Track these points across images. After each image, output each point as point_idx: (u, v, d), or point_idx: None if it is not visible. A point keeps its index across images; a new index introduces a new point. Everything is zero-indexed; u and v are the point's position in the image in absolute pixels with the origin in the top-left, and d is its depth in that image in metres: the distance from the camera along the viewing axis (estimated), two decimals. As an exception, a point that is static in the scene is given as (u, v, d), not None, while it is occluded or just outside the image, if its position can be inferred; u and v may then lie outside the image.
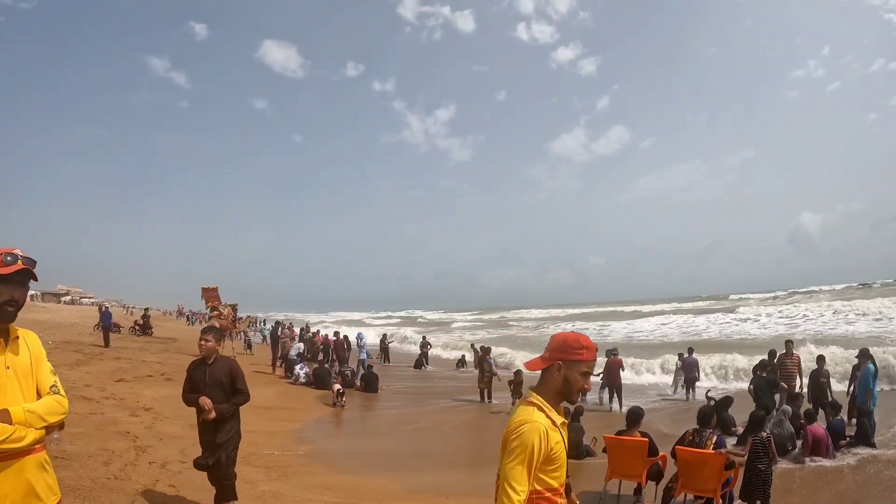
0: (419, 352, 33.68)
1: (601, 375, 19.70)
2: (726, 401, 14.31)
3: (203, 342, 6.85)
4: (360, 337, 28.32)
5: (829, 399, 14.82)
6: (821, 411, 13.97)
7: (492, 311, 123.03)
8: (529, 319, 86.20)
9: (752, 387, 15.51)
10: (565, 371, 3.02)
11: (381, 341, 36.97)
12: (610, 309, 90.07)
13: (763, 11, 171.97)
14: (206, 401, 6.64)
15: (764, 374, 15.47)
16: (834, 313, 47.03)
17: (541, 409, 2.98)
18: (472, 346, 34.08)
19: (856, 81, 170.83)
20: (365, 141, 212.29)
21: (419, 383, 26.42)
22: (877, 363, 14.41)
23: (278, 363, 26.94)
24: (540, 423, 2.90)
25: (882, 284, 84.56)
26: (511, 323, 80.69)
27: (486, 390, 20.66)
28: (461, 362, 33.07)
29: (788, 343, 17.44)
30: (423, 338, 36.28)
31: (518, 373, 18.27)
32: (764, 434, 8.61)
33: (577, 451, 12.23)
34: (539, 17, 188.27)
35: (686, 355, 21.96)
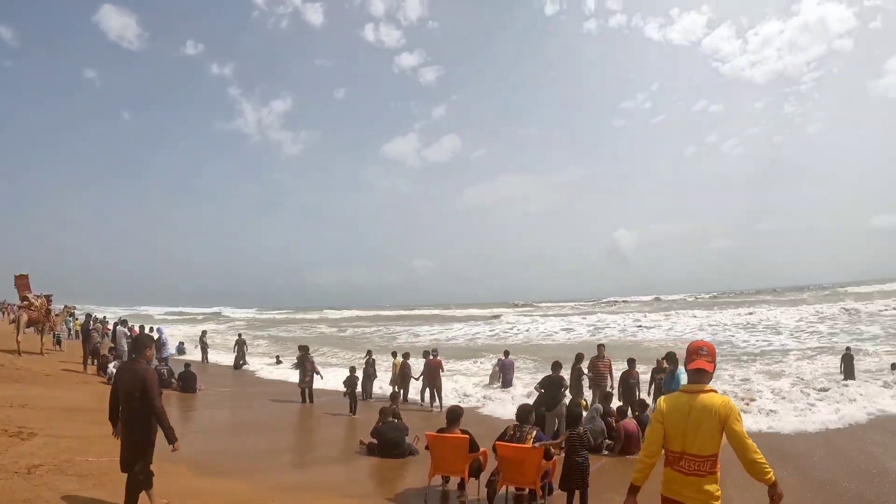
0: (236, 351, 32.37)
1: (421, 377, 19.82)
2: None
3: None
4: (159, 331, 26.81)
5: (638, 398, 15.88)
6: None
7: (312, 310, 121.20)
8: (348, 319, 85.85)
9: (537, 385, 15.89)
10: None
11: (200, 339, 35.69)
12: (436, 312, 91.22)
13: (604, 44, 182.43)
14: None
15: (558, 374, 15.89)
16: (634, 321, 51.68)
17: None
18: (240, 336, 33.95)
19: (679, 117, 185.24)
20: (197, 125, 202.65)
21: (238, 383, 25.61)
22: (680, 366, 15.26)
23: (90, 360, 24.85)
24: None
25: (681, 298, 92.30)
26: (320, 322, 79.99)
27: (307, 391, 20.09)
28: (278, 361, 32.48)
29: (600, 346, 18.34)
30: (239, 335, 34.88)
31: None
32: (581, 429, 8.84)
33: (399, 449, 12.23)
34: (388, 21, 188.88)
35: (503, 357, 22.69)
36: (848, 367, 21.77)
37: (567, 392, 15.53)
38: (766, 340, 35.24)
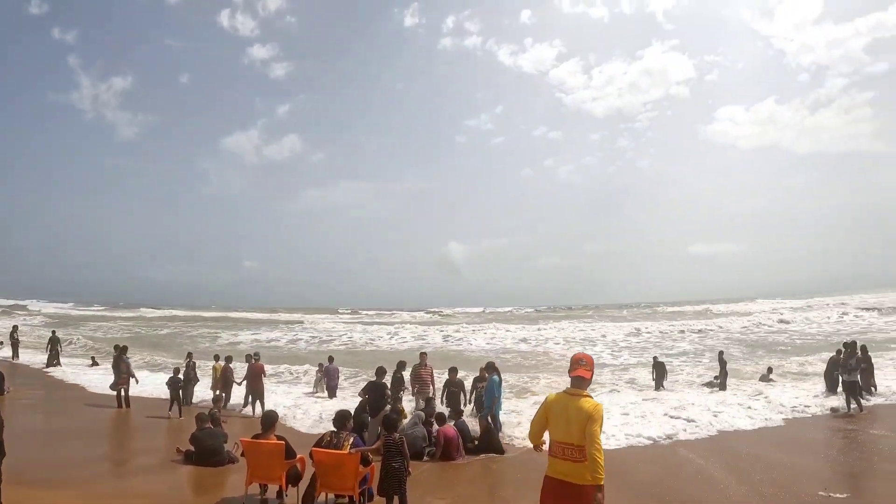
0: (48, 350, 30.18)
1: (244, 381, 19.41)
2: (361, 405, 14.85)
3: None
4: None
5: (462, 405, 16.42)
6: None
7: (132, 307, 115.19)
8: (169, 319, 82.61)
9: (361, 391, 15.99)
10: None
11: (10, 335, 33.00)
12: (263, 316, 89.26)
13: (457, 62, 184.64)
14: None
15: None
16: (456, 331, 53.37)
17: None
18: (54, 333, 31.92)
19: (519, 140, 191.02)
20: (29, 94, 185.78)
21: (50, 385, 24.07)
22: (501, 375, 15.79)
23: None
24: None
25: (508, 311, 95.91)
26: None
27: (122, 394, 19.08)
28: (94, 362, 30.65)
29: (423, 354, 18.69)
30: (53, 332, 32.56)
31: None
32: (396, 435, 8.97)
33: (218, 457, 11.92)
34: (246, 9, 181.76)
35: (327, 363, 22.67)
36: (659, 376, 23.40)
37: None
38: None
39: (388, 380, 16.00)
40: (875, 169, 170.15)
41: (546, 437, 5.99)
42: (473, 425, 14.61)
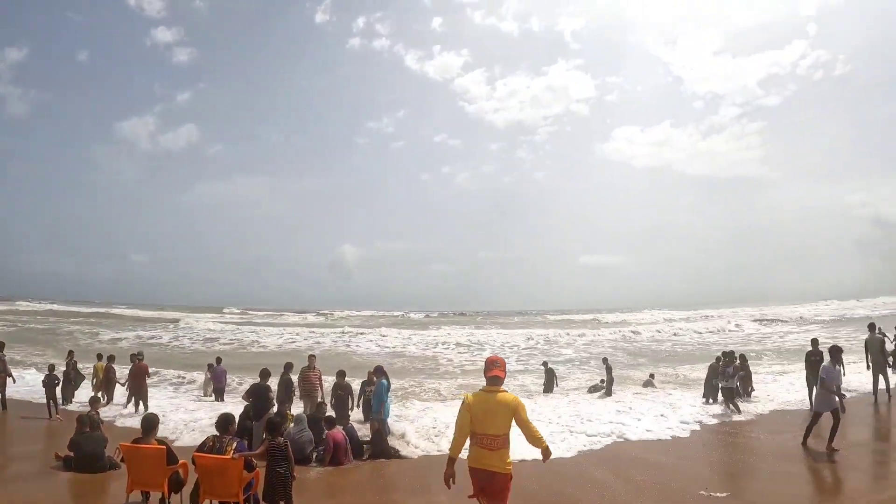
0: None
1: (126, 383, 18.91)
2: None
3: None
4: None
5: (350, 409, 16.63)
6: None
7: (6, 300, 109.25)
8: (50, 313, 79.05)
9: (245, 394, 15.94)
10: None
11: None
12: (152, 313, 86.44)
13: (364, 63, 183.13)
14: None
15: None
16: (342, 333, 53.07)
17: None
18: None
19: (419, 145, 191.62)
20: None
21: None
22: (390, 379, 15.98)
23: None
24: None
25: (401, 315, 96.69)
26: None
27: (-1, 394, 18.16)
28: None
29: (311, 357, 18.76)
30: None
31: None
32: (281, 439, 8.94)
33: (99, 463, 11.55)
34: None
35: (215, 365, 22.29)
36: (549, 382, 24.45)
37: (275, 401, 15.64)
38: (471, 359, 37.67)
39: (273, 382, 15.94)
40: (759, 193, 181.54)
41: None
42: (361, 430, 14.77)
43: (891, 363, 19.02)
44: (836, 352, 13.79)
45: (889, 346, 18.96)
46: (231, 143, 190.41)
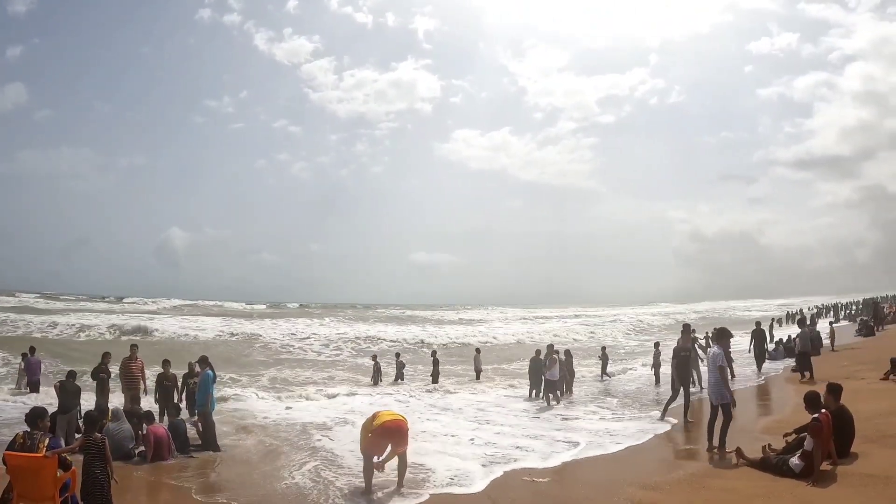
0: None
1: None
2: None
3: None
4: None
5: (175, 400, 16.29)
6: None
7: None
8: None
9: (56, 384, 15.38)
10: None
11: None
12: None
13: (211, 37, 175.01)
14: None
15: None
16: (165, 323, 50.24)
17: None
18: None
19: (258, 130, 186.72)
20: None
21: None
22: (215, 370, 15.67)
23: None
24: None
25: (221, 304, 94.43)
26: None
27: None
28: None
29: (133, 347, 18.18)
30: None
31: None
32: (98, 435, 8.52)
33: None
34: None
35: (30, 355, 21.11)
36: (376, 374, 25.76)
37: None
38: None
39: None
40: (587, 203, 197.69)
41: None
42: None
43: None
44: (724, 335, 12.60)
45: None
46: (61, 108, 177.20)
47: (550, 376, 20.06)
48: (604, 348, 28.47)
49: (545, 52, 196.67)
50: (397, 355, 27.81)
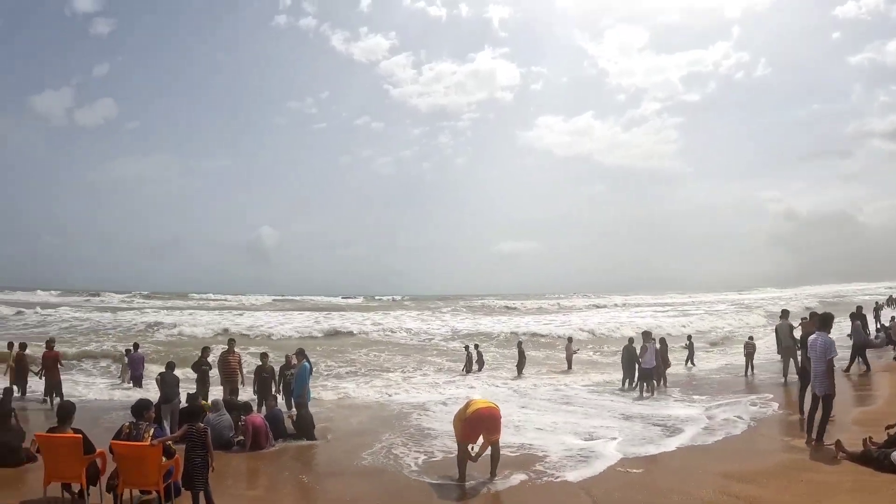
0: None
1: (41, 371, 18.47)
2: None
3: None
4: None
5: (273, 391, 16.78)
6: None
7: None
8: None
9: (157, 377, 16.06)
10: None
11: None
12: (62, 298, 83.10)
13: (289, 42, 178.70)
14: None
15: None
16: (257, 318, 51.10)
17: None
18: None
19: (340, 128, 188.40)
20: None
21: None
22: (311, 363, 16.07)
23: None
24: None
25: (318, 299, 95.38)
26: None
27: None
28: None
29: (231, 341, 18.79)
30: None
31: None
32: (200, 425, 8.75)
33: (15, 456, 11.09)
34: None
35: (133, 351, 21.94)
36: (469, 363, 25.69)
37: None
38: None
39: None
40: (674, 186, 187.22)
41: None
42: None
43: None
44: (828, 321, 11.46)
45: (797, 333, 19.90)
46: (150, 118, 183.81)
47: (646, 364, 19.66)
48: (689, 337, 27.74)
49: (623, 31, 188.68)
50: (475, 346, 27.70)
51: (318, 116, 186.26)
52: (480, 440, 10.40)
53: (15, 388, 18.11)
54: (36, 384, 19.10)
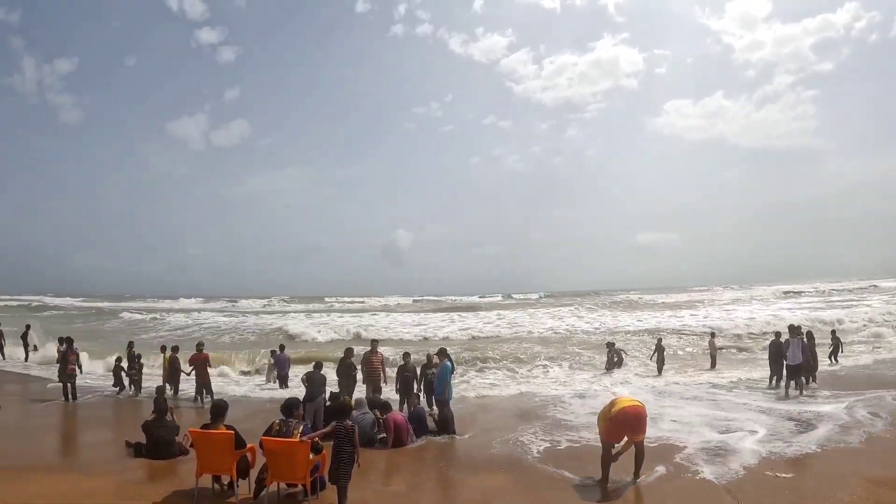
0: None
1: (192, 371, 19.23)
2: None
3: None
4: None
5: (415, 390, 16.74)
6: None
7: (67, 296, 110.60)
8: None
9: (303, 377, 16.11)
10: None
11: None
12: (222, 304, 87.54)
13: (407, 50, 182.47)
14: None
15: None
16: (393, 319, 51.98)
17: None
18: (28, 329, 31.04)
19: (468, 128, 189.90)
20: None
21: None
22: (453, 361, 15.93)
23: None
24: None
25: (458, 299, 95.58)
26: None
27: (69, 386, 18.80)
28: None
29: (374, 342, 18.72)
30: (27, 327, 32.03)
31: None
32: (349, 422, 8.85)
33: (169, 449, 11.77)
34: None
35: (278, 352, 22.66)
36: (611, 362, 24.88)
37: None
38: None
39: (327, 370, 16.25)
40: (815, 165, 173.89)
41: None
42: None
43: None
44: None
45: None
46: (280, 134, 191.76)
47: (791, 360, 18.31)
48: (833, 331, 25.66)
49: (744, 1, 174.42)
50: (613, 344, 26.73)
51: (444, 119, 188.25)
52: (624, 440, 10.03)
53: (168, 386, 19.32)
54: (187, 385, 20.00)
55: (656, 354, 24.32)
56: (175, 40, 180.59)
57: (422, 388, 17.16)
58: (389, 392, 17.55)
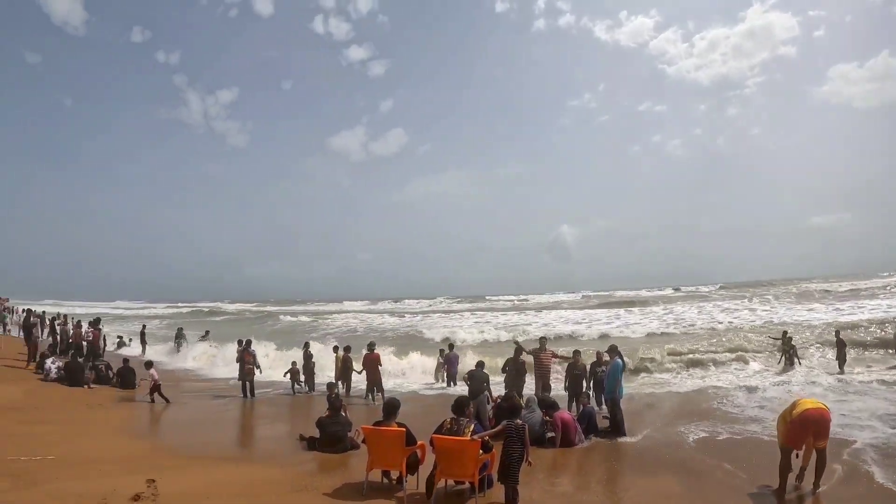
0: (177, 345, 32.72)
1: (363, 370, 19.69)
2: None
3: None
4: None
5: (584, 389, 16.40)
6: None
7: (247, 302, 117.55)
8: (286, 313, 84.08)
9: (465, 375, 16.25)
10: None
11: (140, 332, 35.46)
12: (388, 306, 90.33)
13: (553, 43, 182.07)
14: None
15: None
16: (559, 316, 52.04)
17: None
18: (180, 331, 33.93)
19: (624, 117, 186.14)
20: (140, 114, 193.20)
21: (176, 377, 24.61)
22: (624, 359, 15.48)
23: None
24: None
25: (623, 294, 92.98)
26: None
27: (248, 384, 19.92)
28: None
29: (542, 339, 18.52)
30: (179, 329, 35.01)
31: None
32: (519, 421, 8.84)
33: (341, 444, 12.13)
34: (338, 13, 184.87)
35: (447, 351, 22.89)
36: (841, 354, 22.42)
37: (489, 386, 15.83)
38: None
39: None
40: None
41: None
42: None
43: None
44: None
45: None
46: (437, 140, 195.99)
47: None
48: None
49: None
50: (789, 338, 24.87)
51: (599, 110, 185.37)
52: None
53: (339, 384, 19.96)
54: (358, 383, 20.58)
55: (836, 350, 22.49)
56: (326, 61, 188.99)
57: (591, 386, 16.79)
58: (558, 390, 17.28)
